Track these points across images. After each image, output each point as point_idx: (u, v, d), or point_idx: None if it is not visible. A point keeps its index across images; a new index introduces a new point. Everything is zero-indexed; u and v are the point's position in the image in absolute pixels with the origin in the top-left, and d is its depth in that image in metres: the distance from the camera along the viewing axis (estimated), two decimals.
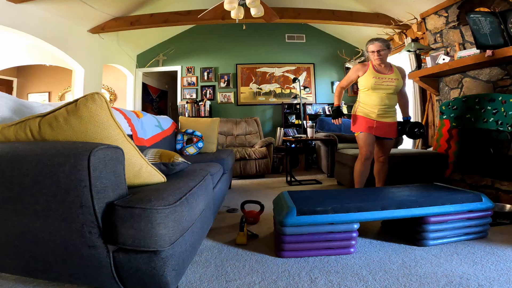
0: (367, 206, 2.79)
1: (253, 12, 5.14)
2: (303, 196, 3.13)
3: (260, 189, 5.71)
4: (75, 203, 1.65)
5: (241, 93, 9.48)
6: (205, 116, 9.02)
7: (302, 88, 9.43)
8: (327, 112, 9.32)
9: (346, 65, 9.48)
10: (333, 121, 4.38)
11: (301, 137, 6.45)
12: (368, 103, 4.14)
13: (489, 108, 4.59)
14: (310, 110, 9.27)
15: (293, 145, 6.95)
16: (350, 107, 9.40)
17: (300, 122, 9.10)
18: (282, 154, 8.15)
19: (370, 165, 4.16)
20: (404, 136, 4.51)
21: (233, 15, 5.09)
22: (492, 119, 4.56)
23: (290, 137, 6.83)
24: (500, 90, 4.62)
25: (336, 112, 4.33)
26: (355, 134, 4.26)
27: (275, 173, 7.75)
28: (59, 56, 6.68)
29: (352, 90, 9.69)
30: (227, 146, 8.05)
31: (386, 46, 4.05)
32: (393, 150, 5.26)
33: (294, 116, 9.30)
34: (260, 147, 7.38)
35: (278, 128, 8.97)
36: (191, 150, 4.93)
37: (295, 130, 9.06)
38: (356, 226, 2.74)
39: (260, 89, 9.51)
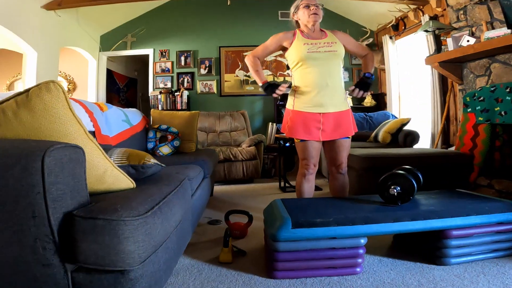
0: (376, 218, 2.78)
1: None
2: (300, 205, 3.11)
3: (248, 197, 5.75)
4: (27, 213, 1.63)
5: (226, 81, 9.53)
6: (182, 109, 9.04)
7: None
8: None
9: None
10: (273, 95, 3.77)
11: None
12: (305, 85, 3.72)
13: None
14: None
15: (287, 144, 6.97)
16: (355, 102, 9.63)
17: None
18: (275, 155, 8.14)
19: (314, 180, 3.91)
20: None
21: None
22: None
23: (284, 135, 6.79)
24: None
25: (268, 86, 3.77)
26: (294, 140, 3.89)
27: (266, 178, 7.82)
28: (6, 36, 6.57)
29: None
30: (209, 145, 8.09)
31: (321, 5, 3.84)
32: (405, 150, 5.20)
33: None
34: (248, 147, 7.41)
35: (270, 123, 8.99)
36: (165, 149, 4.94)
37: None
38: (363, 241, 2.74)
39: (248, 76, 9.57)
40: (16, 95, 1.89)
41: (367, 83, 3.82)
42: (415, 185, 3.07)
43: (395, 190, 3.06)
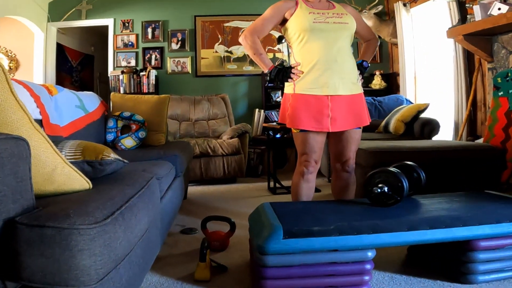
0: (386, 225, 2.78)
1: None
2: (294, 209, 3.13)
3: (230, 200, 5.85)
4: None
5: (202, 58, 9.59)
6: (149, 93, 9.08)
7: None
8: None
9: None
10: (290, 81, 3.72)
11: None
12: (309, 62, 3.67)
13: None
14: None
15: (278, 135, 6.99)
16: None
17: None
18: (263, 149, 8.23)
19: (314, 180, 3.88)
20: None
21: None
22: None
23: (274, 124, 6.86)
24: None
25: (278, 71, 3.74)
26: (292, 130, 3.86)
27: (252, 176, 7.95)
28: None
29: None
30: (182, 137, 8.20)
31: None
32: (422, 143, 5.19)
33: (279, 93, 9.41)
34: (229, 138, 7.50)
35: (257, 110, 9.11)
36: (128, 142, 4.99)
37: None
38: (370, 254, 2.74)
39: (230, 52, 9.64)
40: None
41: (361, 72, 3.86)
42: (405, 186, 3.11)
43: (379, 190, 3.15)
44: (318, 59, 3.60)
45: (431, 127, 7.08)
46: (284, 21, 3.80)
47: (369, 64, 3.98)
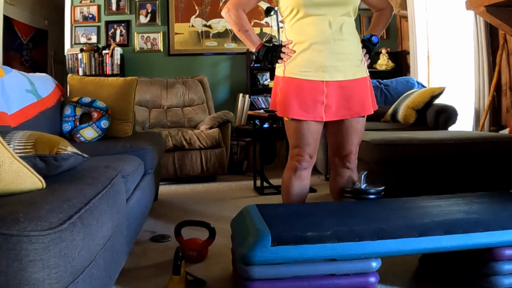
0: (394, 230, 2.79)
1: None
2: (284, 212, 3.14)
3: (209, 202, 5.93)
4: None
5: (176, 34, 9.65)
6: (113, 75, 9.09)
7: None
8: None
9: None
10: (280, 62, 3.69)
11: None
12: (302, 40, 3.63)
13: None
14: None
15: (266, 125, 7.02)
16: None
17: None
18: (248, 141, 8.40)
19: (309, 178, 3.89)
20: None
21: None
22: None
23: (262, 111, 6.89)
24: None
25: (267, 50, 3.72)
26: (283, 118, 3.85)
27: (236, 174, 8.09)
28: None
29: None
30: (152, 127, 8.29)
31: None
32: (437, 134, 5.22)
33: (267, 75, 9.51)
34: (209, 129, 7.56)
35: (241, 95, 9.26)
36: (88, 133, 4.97)
37: (269, 98, 9.16)
38: (375, 264, 2.76)
39: (209, 27, 9.70)
40: None
41: (369, 49, 3.84)
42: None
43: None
44: (313, 37, 3.55)
45: (447, 115, 7.06)
46: None
47: (379, 40, 3.91)
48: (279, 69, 3.74)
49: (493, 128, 6.99)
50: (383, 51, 9.42)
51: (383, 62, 9.38)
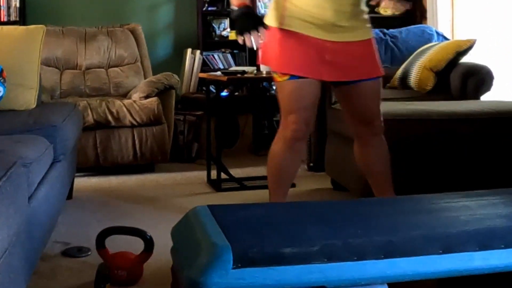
0: (406, 244, 2.64)
1: None
2: (250, 217, 2.99)
3: (144, 201, 6.11)
4: None
5: None
6: (10, 23, 9.11)
7: None
8: None
9: None
10: (239, 39, 4.14)
11: (245, 73, 6.74)
12: None
13: None
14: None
15: (225, 93, 7.04)
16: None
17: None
18: (199, 116, 8.49)
19: (304, 151, 4.01)
20: None
21: None
22: None
23: (219, 73, 7.03)
24: None
25: (246, 17, 4.11)
26: (274, 77, 4.19)
27: (182, 162, 8.31)
28: None
29: None
30: (65, 95, 8.29)
31: None
32: (466, 105, 5.44)
33: (226, 22, 10.06)
34: (144, 98, 7.69)
35: (189, 51, 9.50)
36: None
37: (229, 55, 9.70)
38: None
39: None
40: None
41: None
42: None
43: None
44: None
45: (479, 79, 7.15)
46: None
47: None
48: (272, 19, 4.18)
49: None
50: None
51: (389, 5, 9.39)
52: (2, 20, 8.59)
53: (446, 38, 7.99)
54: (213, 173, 6.87)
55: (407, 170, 4.76)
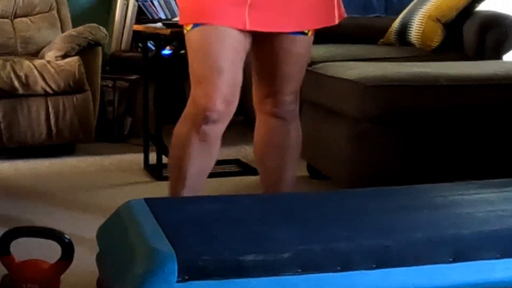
0: (405, 249, 2.37)
1: None
2: (200, 214, 2.74)
3: (62, 192, 5.58)
4: None
5: None
6: None
7: None
8: None
9: None
10: None
11: None
12: None
13: None
14: None
15: (167, 51, 6.80)
16: None
17: None
18: (134, 80, 7.82)
19: (219, 141, 3.60)
20: None
21: None
22: None
23: (159, 25, 6.42)
24: None
25: None
26: (184, 29, 3.53)
27: (111, 141, 7.64)
28: None
29: None
30: None
31: None
32: (484, 68, 4.95)
33: None
34: (61, 57, 6.86)
35: None
36: None
37: (173, 2, 9.21)
38: None
39: None
40: None
41: None
42: None
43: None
44: None
45: (501, 32, 6.58)
46: None
47: None
48: None
49: None
50: None
51: None
52: None
53: None
54: (152, 156, 6.43)
55: (408, 153, 4.54)
